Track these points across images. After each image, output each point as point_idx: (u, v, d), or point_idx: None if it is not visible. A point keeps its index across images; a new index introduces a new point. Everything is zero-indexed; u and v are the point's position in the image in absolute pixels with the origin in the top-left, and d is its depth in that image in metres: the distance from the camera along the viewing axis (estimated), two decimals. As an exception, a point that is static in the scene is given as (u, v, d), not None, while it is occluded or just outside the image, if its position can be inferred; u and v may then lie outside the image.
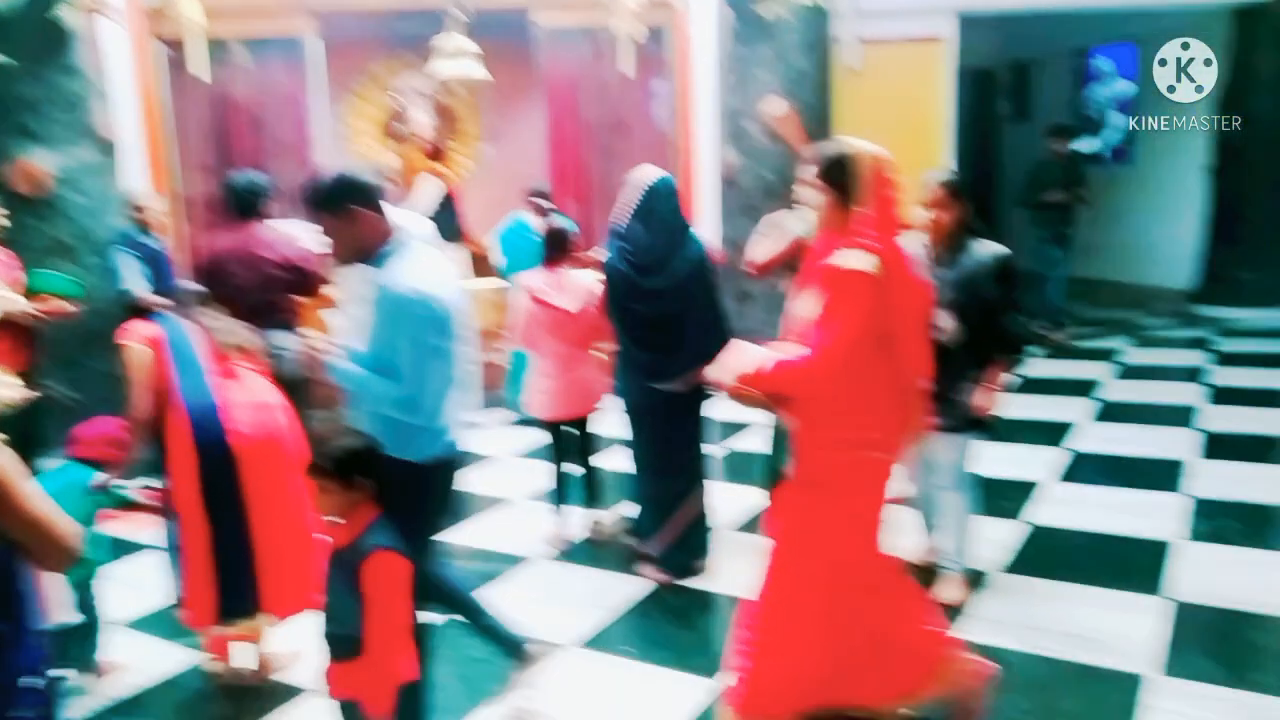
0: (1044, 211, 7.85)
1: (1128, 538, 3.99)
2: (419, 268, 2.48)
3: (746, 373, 2.54)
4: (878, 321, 2.44)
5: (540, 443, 5.85)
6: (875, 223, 2.45)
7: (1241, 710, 2.74)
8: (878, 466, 2.57)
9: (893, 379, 2.52)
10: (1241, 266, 8.55)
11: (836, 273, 2.43)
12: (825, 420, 2.53)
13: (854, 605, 2.60)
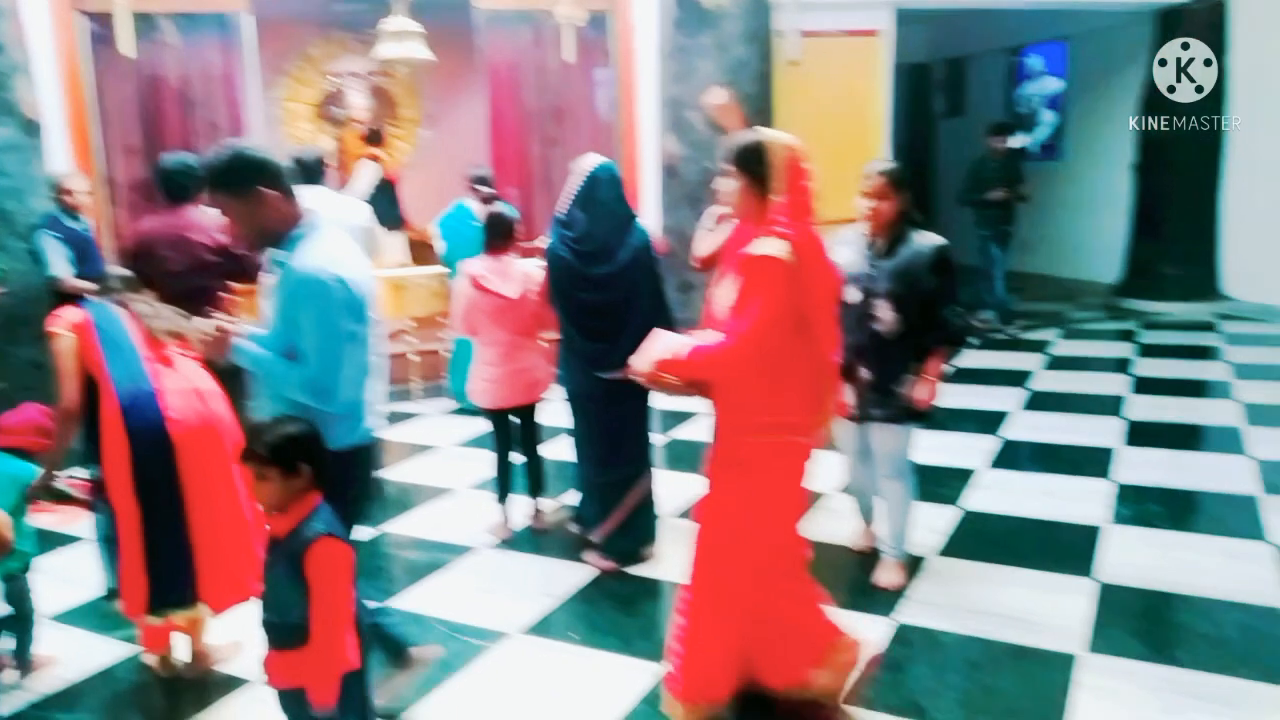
0: (985, 209, 7.94)
1: (1057, 522, 4.11)
2: (330, 250, 2.37)
3: (666, 360, 2.56)
4: (793, 306, 2.48)
5: (483, 432, 5.83)
6: (789, 210, 2.50)
7: (1164, 684, 2.85)
8: (796, 449, 2.62)
9: (808, 362, 2.57)
10: (1164, 262, 8.86)
11: (752, 260, 2.47)
12: (744, 405, 2.57)
13: (771, 587, 2.66)
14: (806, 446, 2.64)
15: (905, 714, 2.77)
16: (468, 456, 5.44)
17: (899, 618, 3.33)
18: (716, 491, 2.67)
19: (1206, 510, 4.27)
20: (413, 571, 3.90)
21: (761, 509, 2.61)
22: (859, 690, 2.80)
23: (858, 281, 3.40)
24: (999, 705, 2.80)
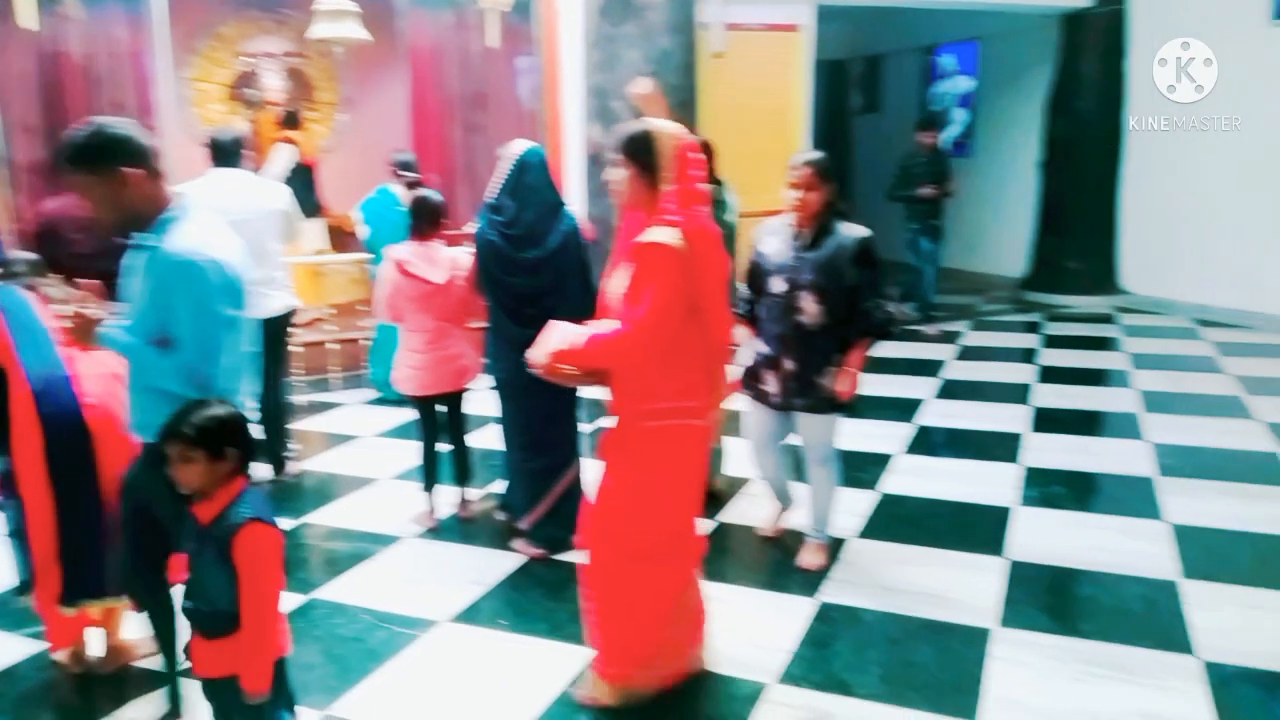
0: (914, 204, 7.91)
1: (970, 504, 4.28)
2: (203, 233, 2.27)
3: (563, 350, 2.58)
4: (685, 294, 2.52)
5: (405, 421, 5.76)
6: (678, 198, 2.54)
7: (1070, 654, 3.00)
8: (690, 433, 2.68)
9: (700, 347, 2.63)
10: (1068, 256, 9.24)
11: (645, 248, 2.51)
12: (640, 392, 2.61)
13: (670, 569, 2.72)
14: (700, 430, 2.70)
15: (829, 689, 2.85)
16: (391, 446, 5.36)
17: (822, 597, 3.43)
18: (611, 475, 2.70)
19: (1107, 491, 4.49)
20: (336, 562, 3.84)
21: (654, 493, 2.66)
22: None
23: (783, 272, 3.45)
24: (918, 678, 2.91)
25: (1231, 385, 6.08)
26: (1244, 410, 5.54)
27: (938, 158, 7.99)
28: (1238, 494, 4.27)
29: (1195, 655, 2.97)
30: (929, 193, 7.75)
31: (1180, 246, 8.56)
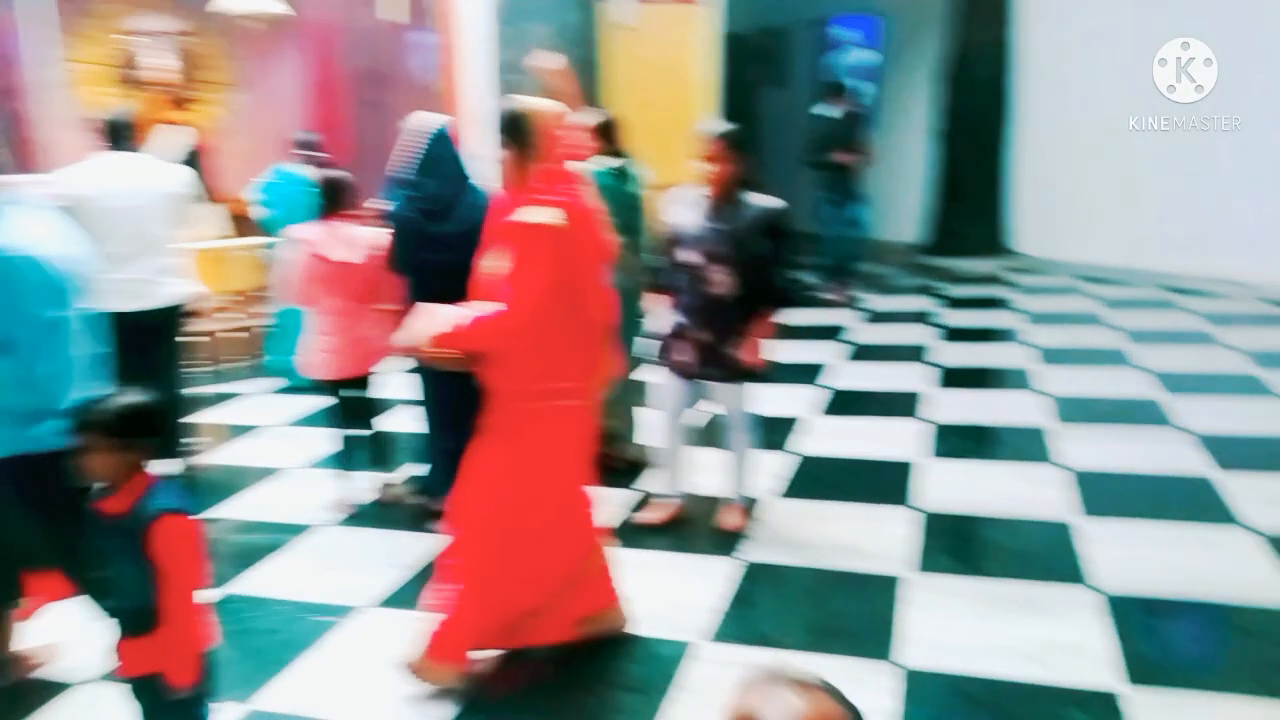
0: (828, 171, 7.91)
1: (879, 461, 4.42)
2: (28, 228, 2.15)
3: (440, 333, 2.55)
4: (563, 274, 2.51)
5: (314, 408, 5.62)
6: (555, 177, 2.53)
7: (978, 595, 3.15)
8: (569, 414, 2.68)
9: (579, 328, 2.63)
10: (963, 221, 9.57)
11: (522, 228, 2.49)
12: (517, 373, 2.59)
13: (544, 550, 2.73)
14: (580, 411, 2.70)
15: (754, 643, 2.93)
16: (299, 434, 5.24)
17: (744, 556, 3.51)
18: (488, 457, 2.68)
19: (1006, 441, 4.70)
20: (249, 554, 3.73)
21: (535, 473, 2.66)
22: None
23: (695, 244, 3.46)
24: (839, 626, 3.02)
25: (1116, 338, 6.41)
26: (1128, 360, 5.85)
27: (852, 123, 7.93)
28: (1126, 438, 4.52)
29: (1092, 587, 3.14)
30: (843, 158, 7.75)
31: (1066, 208, 8.95)
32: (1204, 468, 4.07)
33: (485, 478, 2.68)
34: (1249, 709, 2.48)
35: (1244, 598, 3.03)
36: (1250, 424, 4.60)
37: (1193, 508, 3.70)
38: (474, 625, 2.73)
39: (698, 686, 2.71)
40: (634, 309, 4.26)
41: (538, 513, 2.71)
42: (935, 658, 2.79)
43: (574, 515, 2.83)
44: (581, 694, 2.71)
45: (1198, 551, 3.36)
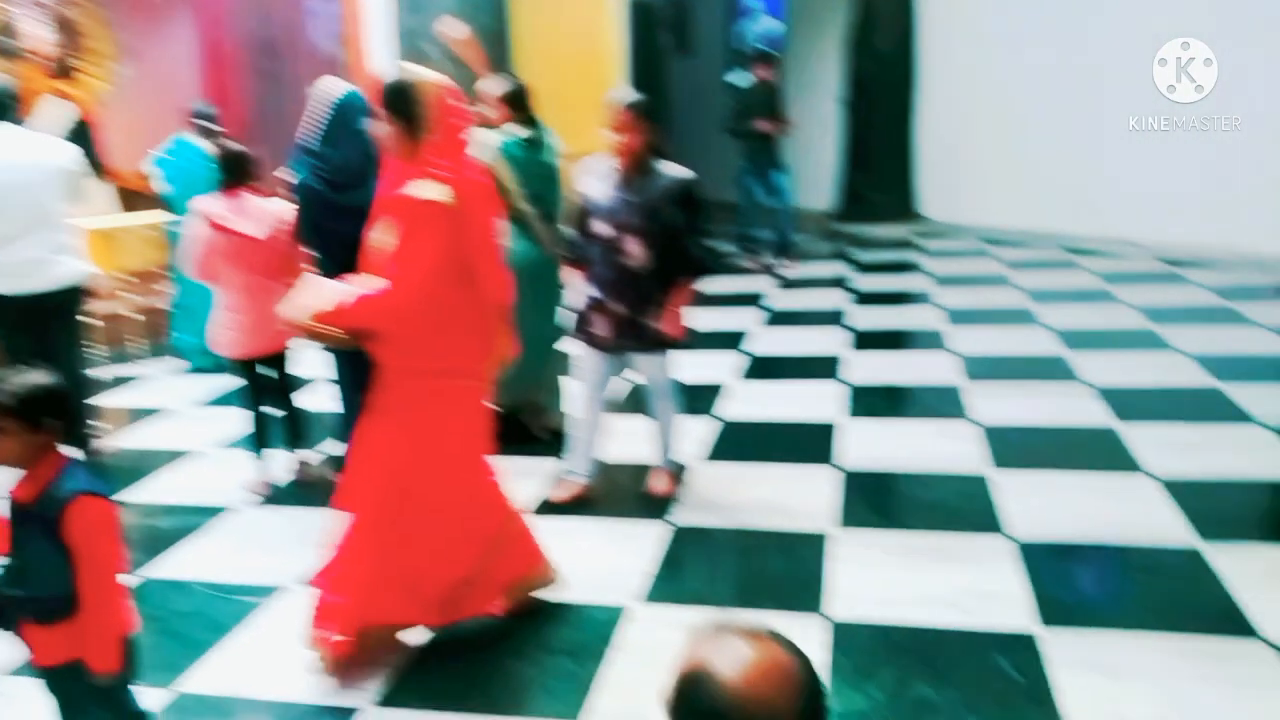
0: (750, 140, 7.76)
1: (801, 423, 4.51)
2: None
3: (324, 310, 2.46)
4: (454, 251, 2.46)
5: (223, 389, 5.44)
6: (444, 151, 2.47)
7: (901, 547, 3.25)
8: (464, 393, 2.64)
9: (472, 306, 2.58)
10: (872, 188, 9.76)
11: (410, 203, 2.43)
12: (408, 351, 2.54)
13: (455, 523, 2.68)
14: (475, 390, 2.67)
15: (687, 603, 2.96)
16: (209, 416, 5.07)
17: (674, 520, 3.54)
18: (381, 437, 2.61)
19: (921, 400, 4.84)
20: (164, 539, 3.61)
21: (429, 451, 2.60)
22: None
23: (607, 215, 3.42)
24: (769, 583, 3.08)
25: (1021, 298, 6.65)
26: (1033, 318, 6.08)
27: (772, 92, 7.87)
28: (1033, 393, 4.70)
29: (1008, 536, 3.27)
30: (766, 127, 7.68)
31: (970, 174, 9.21)
32: (1107, 419, 4.27)
33: (377, 456, 2.61)
34: (1153, 642, 2.62)
35: (1146, 539, 3.20)
36: (1148, 376, 4.83)
37: (1097, 457, 3.88)
38: (378, 602, 2.67)
39: (634, 647, 2.73)
40: (553, 281, 4.23)
41: (439, 489, 2.65)
42: (861, 609, 2.87)
43: (479, 487, 2.77)
44: (518, 661, 2.71)
45: (1103, 498, 3.53)
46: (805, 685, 0.98)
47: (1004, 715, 2.37)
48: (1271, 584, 2.85)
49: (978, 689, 2.47)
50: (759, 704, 0.94)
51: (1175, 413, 4.30)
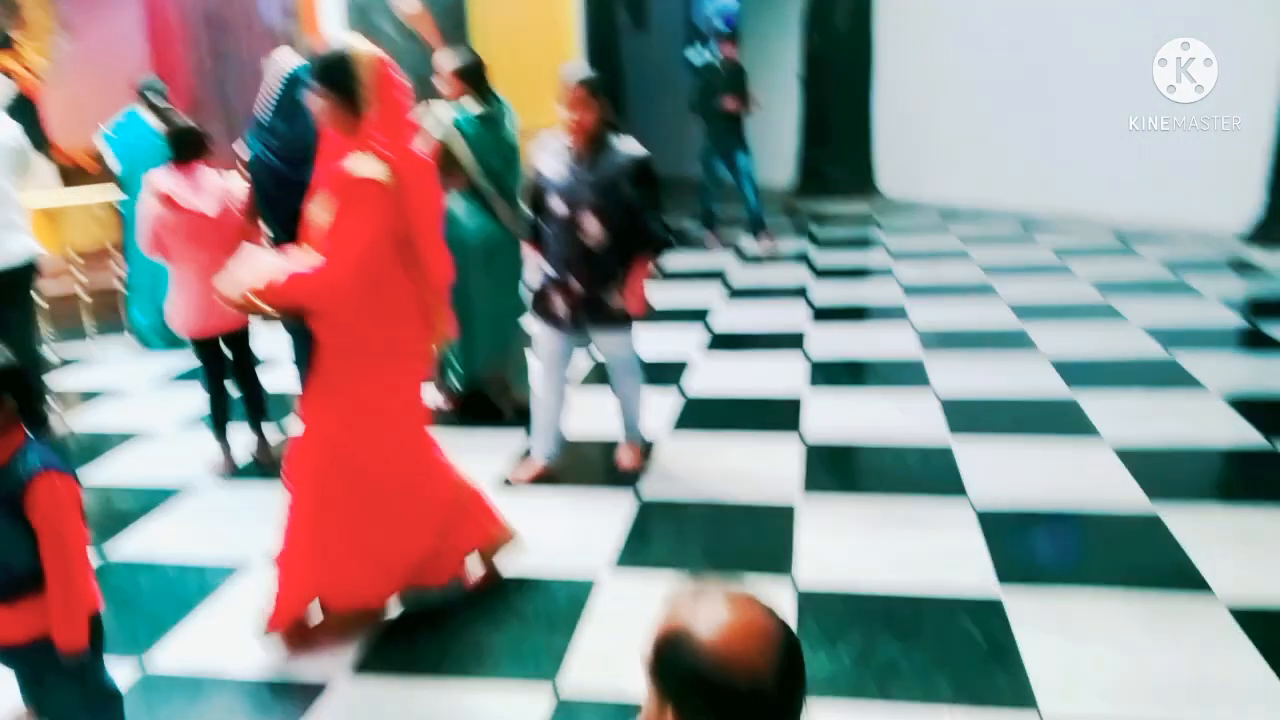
0: (715, 119, 7.66)
1: (765, 397, 4.55)
2: None
3: (256, 286, 2.39)
4: (392, 228, 2.41)
5: (180, 369, 5.36)
6: (384, 127, 2.40)
7: (865, 514, 3.30)
8: (403, 372, 2.61)
9: (412, 286, 2.54)
10: (830, 164, 9.82)
11: (345, 179, 2.37)
12: (346, 329, 2.50)
13: (408, 498, 2.66)
14: (414, 369, 2.64)
15: (659, 573, 2.98)
16: (166, 396, 4.99)
17: (643, 492, 3.56)
18: (323, 416, 2.58)
19: (882, 372, 4.90)
20: (127, 519, 3.55)
21: (373, 433, 2.57)
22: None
23: (563, 193, 3.36)
24: (738, 551, 3.11)
25: (978, 272, 6.75)
26: (991, 291, 6.18)
27: (738, 70, 7.80)
28: (991, 363, 4.79)
29: (969, 501, 3.34)
30: (732, 105, 7.59)
31: (926, 150, 9.30)
32: (1063, 389, 4.36)
33: (319, 435, 2.57)
34: (1111, 602, 2.70)
35: (1103, 504, 3.28)
36: (1102, 347, 4.94)
37: (1054, 425, 3.97)
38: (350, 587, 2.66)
39: (605, 617, 2.75)
40: (514, 257, 4.21)
41: (385, 467, 2.63)
42: (828, 576, 2.91)
43: (425, 462, 2.75)
44: (491, 631, 2.71)
45: (1061, 465, 3.61)
46: (784, 645, 0.99)
47: (969, 675, 2.42)
48: (1223, 545, 2.95)
49: (943, 651, 2.53)
50: (738, 663, 0.96)
51: (1128, 382, 4.41)
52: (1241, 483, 3.52)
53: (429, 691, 2.48)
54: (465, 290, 4.28)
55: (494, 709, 2.39)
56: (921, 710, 2.30)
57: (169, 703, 2.50)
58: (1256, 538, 3.00)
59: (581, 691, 2.43)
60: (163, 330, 5.68)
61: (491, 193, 4.16)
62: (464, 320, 4.32)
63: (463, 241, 4.21)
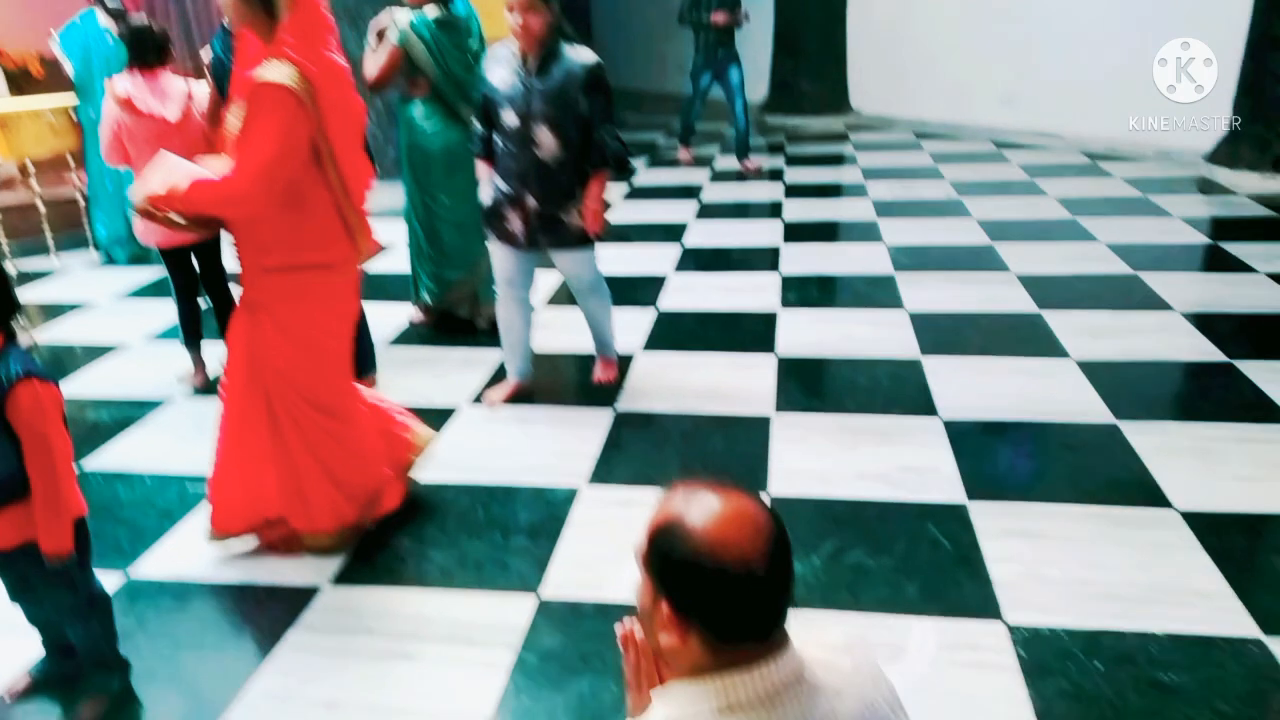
0: (705, 33, 7.44)
1: (739, 312, 4.58)
2: None
3: (160, 193, 2.31)
4: (305, 138, 2.31)
5: (146, 280, 5.28)
6: (298, 31, 2.30)
7: (838, 428, 3.37)
8: (328, 286, 2.53)
9: (332, 197, 2.45)
10: (802, 79, 9.69)
11: (256, 86, 2.27)
12: (263, 244, 2.43)
13: (306, 427, 2.60)
14: (340, 282, 2.56)
15: (635, 483, 3.05)
16: (134, 309, 4.92)
17: (619, 407, 3.60)
18: (241, 331, 2.54)
19: (854, 289, 4.94)
20: (101, 432, 3.55)
21: (288, 348, 2.51)
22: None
23: (513, 104, 3.18)
24: (713, 463, 3.18)
25: (949, 190, 6.77)
26: (963, 210, 6.21)
27: None
28: (962, 281, 4.84)
29: (938, 415, 3.42)
30: (720, 19, 7.36)
31: (900, 66, 9.20)
32: (1030, 306, 4.44)
33: (253, 354, 2.53)
34: (1072, 511, 2.80)
35: (1067, 416, 3.38)
36: (1069, 265, 5.01)
37: (1022, 342, 4.05)
38: (235, 498, 2.67)
39: (587, 524, 2.82)
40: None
41: (324, 386, 2.59)
42: (801, 485, 2.99)
43: (334, 394, 2.66)
44: (474, 541, 2.77)
45: (1027, 379, 3.70)
46: (773, 534, 1.03)
47: (935, 578, 2.52)
48: (1182, 458, 3.06)
49: (911, 555, 2.62)
50: (730, 550, 0.99)
51: (1094, 300, 4.49)
52: (1199, 396, 3.63)
53: (415, 598, 2.54)
54: (430, 200, 4.25)
55: (479, 614, 2.45)
56: (892, 618, 2.39)
57: (157, 607, 2.54)
58: (1211, 449, 3.12)
59: (563, 594, 2.50)
60: (127, 242, 5.58)
61: (455, 99, 4.07)
62: (430, 231, 4.30)
63: (425, 151, 4.15)
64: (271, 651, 2.34)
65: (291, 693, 2.21)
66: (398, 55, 3.96)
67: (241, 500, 2.69)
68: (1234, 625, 2.30)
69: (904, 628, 2.34)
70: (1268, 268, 4.83)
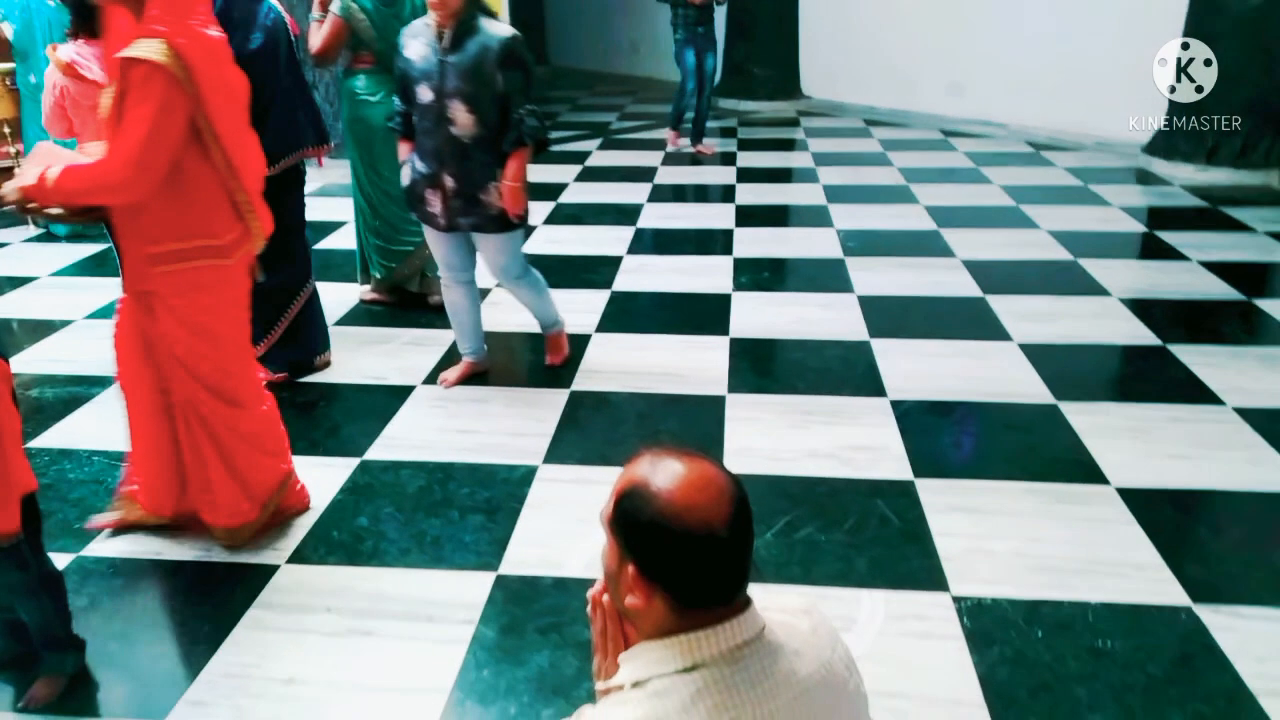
0: (683, 8, 7.29)
1: (692, 294, 4.63)
2: None
3: (30, 186, 2.19)
4: (183, 117, 2.20)
5: (83, 254, 5.16)
6: (166, 5, 2.18)
7: (790, 408, 3.44)
8: (219, 273, 2.43)
9: (217, 179, 2.36)
10: (755, 64, 9.74)
11: (125, 64, 2.14)
12: (146, 231, 2.32)
13: (208, 417, 2.54)
14: (230, 270, 2.45)
15: (591, 462, 3.08)
16: (79, 285, 4.81)
17: (574, 387, 3.63)
18: (129, 321, 2.48)
19: (805, 273, 5.02)
20: (47, 410, 3.48)
21: (195, 336, 2.43)
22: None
23: (429, 79, 3.11)
24: (668, 441, 3.21)
25: (898, 176, 6.89)
26: (910, 197, 6.33)
27: None
28: (910, 266, 4.95)
29: (886, 396, 3.51)
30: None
31: (851, 53, 9.31)
32: (975, 290, 4.56)
33: (129, 344, 2.49)
34: (1014, 488, 2.91)
35: (1009, 397, 3.50)
36: (1012, 251, 5.15)
37: (966, 325, 4.16)
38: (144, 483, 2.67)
39: (543, 502, 2.85)
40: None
41: (226, 376, 2.52)
42: (753, 463, 3.05)
43: (233, 383, 2.56)
44: (433, 520, 2.78)
45: (971, 361, 3.81)
46: (735, 497, 1.06)
47: (884, 551, 2.61)
48: (1118, 437, 3.19)
49: (861, 530, 2.70)
50: (694, 512, 1.02)
51: (1036, 285, 4.63)
52: (1135, 378, 3.77)
53: (373, 576, 2.54)
54: (374, 174, 4.22)
55: (437, 591, 2.47)
56: (843, 591, 2.47)
57: (110, 587, 2.52)
58: (1145, 428, 3.25)
59: (520, 570, 2.53)
60: (67, 216, 5.42)
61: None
62: (375, 204, 4.27)
63: (368, 123, 4.11)
64: (230, 630, 2.33)
65: (250, 671, 2.21)
66: (340, 26, 3.93)
67: (162, 490, 2.66)
68: (1165, 594, 2.42)
69: (854, 599, 2.42)
70: (1201, 256, 5.01)
